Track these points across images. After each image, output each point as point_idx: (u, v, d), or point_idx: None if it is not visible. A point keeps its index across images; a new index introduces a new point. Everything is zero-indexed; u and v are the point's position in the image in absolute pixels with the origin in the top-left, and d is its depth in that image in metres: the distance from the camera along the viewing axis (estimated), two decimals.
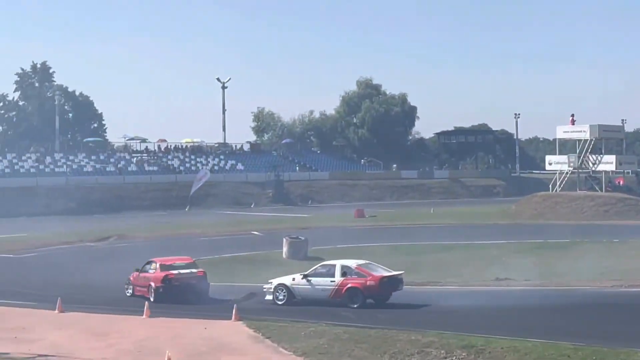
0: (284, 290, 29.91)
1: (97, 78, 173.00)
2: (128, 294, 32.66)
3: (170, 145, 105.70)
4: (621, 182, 76.40)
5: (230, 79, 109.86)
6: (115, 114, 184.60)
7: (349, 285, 28.77)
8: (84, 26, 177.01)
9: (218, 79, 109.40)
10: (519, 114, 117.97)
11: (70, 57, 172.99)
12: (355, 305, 28.36)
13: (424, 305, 28.53)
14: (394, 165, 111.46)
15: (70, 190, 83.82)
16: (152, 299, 30.83)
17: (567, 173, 71.41)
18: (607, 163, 71.01)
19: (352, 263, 30.04)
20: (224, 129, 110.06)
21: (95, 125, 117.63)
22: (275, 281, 30.37)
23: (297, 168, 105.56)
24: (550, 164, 74.56)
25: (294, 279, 29.98)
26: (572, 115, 72.21)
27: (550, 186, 72.53)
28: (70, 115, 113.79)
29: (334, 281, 29.11)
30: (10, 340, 23.73)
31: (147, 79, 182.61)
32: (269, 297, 30.18)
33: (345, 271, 29.20)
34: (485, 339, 20.92)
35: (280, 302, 29.72)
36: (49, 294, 31.75)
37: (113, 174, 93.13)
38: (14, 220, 68.23)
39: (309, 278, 29.64)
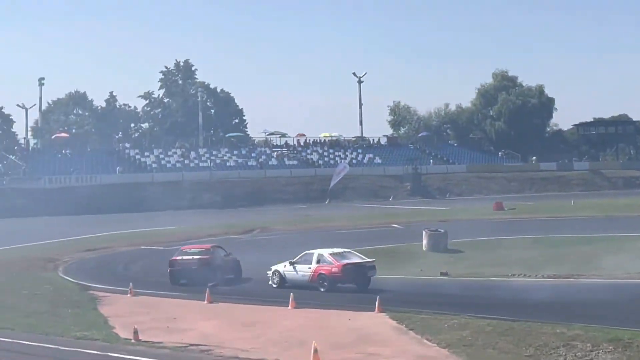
0: (278, 276, 32.90)
1: (238, 75, 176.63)
2: None
3: (309, 140, 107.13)
4: None
5: (366, 73, 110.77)
6: (255, 109, 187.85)
7: (320, 272, 31.52)
8: (224, 25, 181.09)
9: (354, 74, 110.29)
10: None
11: (212, 55, 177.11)
12: (322, 289, 31.02)
13: (565, 299, 28.20)
14: (533, 158, 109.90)
15: (214, 184, 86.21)
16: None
17: None
18: None
19: (326, 252, 32.23)
20: (360, 123, 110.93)
21: (237, 120, 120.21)
22: (274, 267, 33.39)
23: (432, 161, 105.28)
24: None
25: (285, 266, 32.81)
26: None
27: None
28: (212, 111, 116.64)
29: (310, 267, 31.90)
30: (163, 329, 24.50)
31: (286, 75, 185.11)
32: (270, 281, 33.13)
33: (319, 259, 31.86)
34: (632, 333, 20.57)
35: (274, 286, 32.81)
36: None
37: (254, 168, 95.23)
38: (162, 214, 70.65)
39: (295, 265, 32.45)
